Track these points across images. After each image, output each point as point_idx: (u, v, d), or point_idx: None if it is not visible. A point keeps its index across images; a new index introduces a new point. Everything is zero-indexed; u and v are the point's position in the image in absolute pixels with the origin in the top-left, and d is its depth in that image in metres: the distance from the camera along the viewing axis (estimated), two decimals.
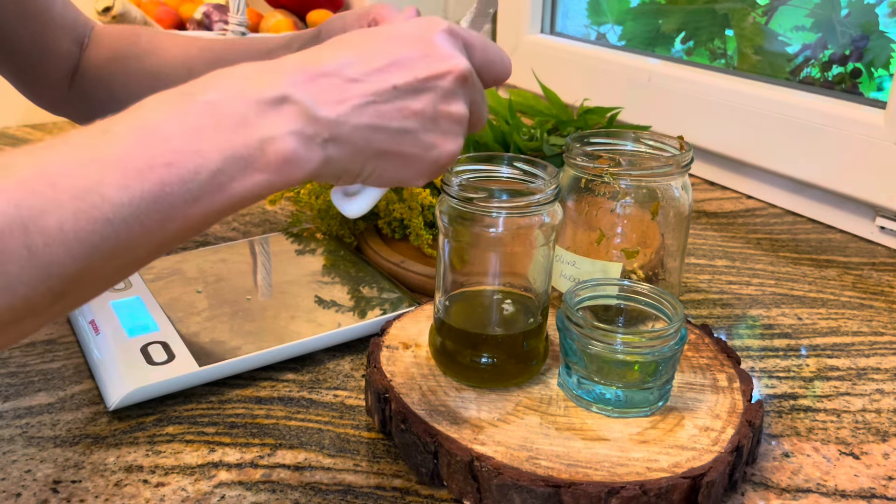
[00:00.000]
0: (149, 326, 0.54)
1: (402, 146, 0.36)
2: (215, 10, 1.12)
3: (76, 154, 0.29)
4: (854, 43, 0.85)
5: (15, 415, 0.48)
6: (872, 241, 0.77)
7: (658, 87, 0.96)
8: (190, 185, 0.30)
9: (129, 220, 0.29)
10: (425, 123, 0.36)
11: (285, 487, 0.42)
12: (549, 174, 0.45)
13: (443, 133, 0.37)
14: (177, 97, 0.32)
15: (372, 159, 0.35)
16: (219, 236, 0.74)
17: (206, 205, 0.31)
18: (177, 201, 0.30)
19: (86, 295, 0.31)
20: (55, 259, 0.27)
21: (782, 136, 0.82)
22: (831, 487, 0.43)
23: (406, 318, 0.53)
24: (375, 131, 0.34)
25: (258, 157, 0.31)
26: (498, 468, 0.39)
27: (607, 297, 0.48)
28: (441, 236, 0.46)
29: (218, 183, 0.30)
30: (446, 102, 0.36)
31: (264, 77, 0.33)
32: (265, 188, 0.32)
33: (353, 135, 0.34)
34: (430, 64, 0.36)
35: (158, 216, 0.29)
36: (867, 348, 0.57)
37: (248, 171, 0.31)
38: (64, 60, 0.64)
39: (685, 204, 0.53)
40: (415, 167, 0.37)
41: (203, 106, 0.31)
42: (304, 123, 0.32)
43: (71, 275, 0.28)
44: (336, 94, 0.33)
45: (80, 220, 0.28)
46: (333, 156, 0.33)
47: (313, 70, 0.34)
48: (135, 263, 0.31)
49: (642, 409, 0.44)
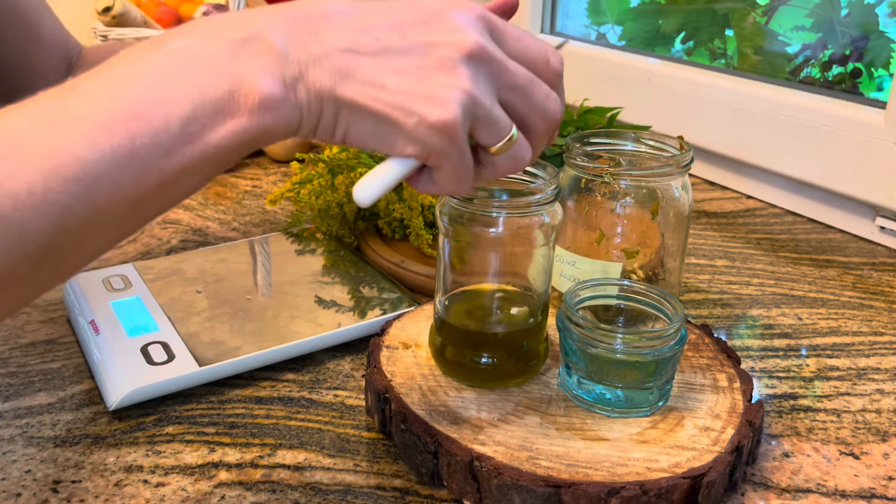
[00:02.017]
0: (149, 326, 0.54)
1: (376, 103, 0.32)
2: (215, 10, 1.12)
3: (43, 114, 0.28)
4: (854, 43, 0.85)
5: (15, 415, 0.48)
6: (872, 241, 0.77)
7: (658, 87, 0.96)
8: (161, 136, 0.28)
9: (101, 177, 0.28)
10: (405, 83, 0.32)
11: (285, 487, 0.42)
12: (549, 174, 0.45)
13: (428, 98, 0.32)
14: (147, 47, 0.30)
15: (345, 110, 0.32)
16: (219, 236, 0.74)
17: (182, 158, 0.29)
18: (149, 155, 0.28)
19: (70, 261, 0.30)
20: (27, 223, 0.27)
21: (782, 136, 0.82)
22: (831, 487, 0.43)
23: (406, 318, 0.53)
24: (344, 78, 0.32)
25: (229, 100, 0.30)
26: (498, 468, 0.39)
27: (607, 297, 0.48)
28: (441, 236, 0.46)
29: (190, 133, 0.29)
30: (439, 69, 0.33)
31: (239, 20, 0.32)
32: (241, 135, 0.30)
33: (321, 78, 0.32)
34: (431, 32, 0.33)
35: (131, 172, 0.28)
36: (867, 348, 0.57)
37: (221, 117, 0.29)
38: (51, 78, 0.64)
39: (685, 204, 0.53)
40: (393, 129, 0.33)
41: (172, 53, 0.30)
42: (276, 63, 0.31)
43: (46, 239, 0.27)
44: (313, 36, 0.32)
45: (49, 181, 0.27)
46: (303, 100, 0.31)
47: (297, 13, 0.32)
48: (115, 226, 0.30)
49: (642, 409, 0.44)
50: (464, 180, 0.36)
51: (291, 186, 0.70)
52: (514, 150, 0.36)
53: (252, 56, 0.31)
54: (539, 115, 0.36)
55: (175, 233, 0.75)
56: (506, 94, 0.35)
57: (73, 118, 0.28)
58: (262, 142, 0.32)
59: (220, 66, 0.30)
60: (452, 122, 0.33)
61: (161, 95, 0.29)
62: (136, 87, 0.29)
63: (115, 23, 1.06)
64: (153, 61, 0.30)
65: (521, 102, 0.35)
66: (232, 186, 0.88)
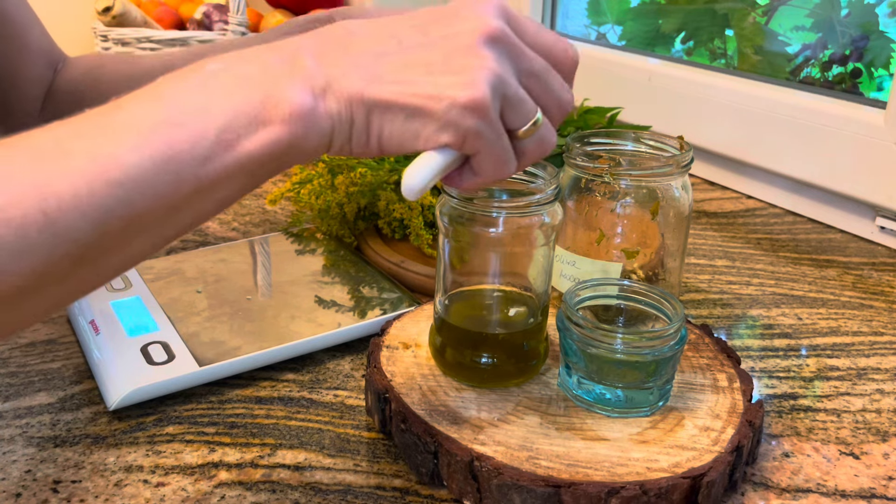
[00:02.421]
0: (149, 326, 0.54)
1: (404, 96, 0.33)
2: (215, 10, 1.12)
3: (89, 124, 0.30)
4: (854, 43, 0.85)
5: (15, 415, 0.48)
6: (872, 241, 0.77)
7: (658, 87, 0.96)
8: (198, 143, 0.30)
9: (141, 182, 0.29)
10: (434, 74, 0.33)
11: (285, 487, 0.42)
12: (549, 174, 0.45)
13: (455, 81, 0.33)
14: (185, 71, 0.33)
15: (376, 111, 0.33)
16: (219, 236, 0.74)
17: (217, 165, 0.31)
18: (187, 161, 0.30)
19: (108, 264, 0.31)
20: (71, 223, 0.28)
21: (782, 136, 0.82)
22: (831, 487, 0.43)
23: (406, 318, 0.53)
24: (371, 82, 0.33)
25: (262, 112, 0.31)
26: (498, 468, 0.39)
27: (607, 297, 0.48)
28: (441, 236, 0.46)
29: (226, 141, 0.31)
30: (464, 54, 0.33)
31: (272, 46, 0.34)
32: (275, 145, 0.32)
33: (349, 85, 0.33)
34: (451, 24, 0.34)
35: (169, 178, 0.30)
36: (867, 348, 0.57)
37: (256, 126, 0.31)
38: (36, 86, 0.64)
39: (685, 204, 0.53)
40: (426, 119, 0.33)
41: (210, 73, 0.32)
42: (306, 77, 0.32)
43: (87, 239, 0.29)
44: (341, 52, 0.34)
45: (93, 184, 0.28)
46: (332, 109, 0.33)
47: (325, 36, 0.34)
48: (154, 232, 0.31)
49: (642, 409, 0.44)
50: (505, 162, 0.36)
51: (291, 186, 0.70)
52: (542, 133, 0.36)
53: (284, 74, 0.32)
54: (556, 103, 0.36)
55: None
56: (525, 79, 0.35)
57: (117, 127, 0.30)
58: (296, 153, 0.33)
59: (255, 83, 0.32)
60: (482, 99, 0.33)
61: (199, 107, 0.31)
62: (175, 100, 0.31)
63: (115, 23, 1.06)
64: (193, 80, 0.32)
65: (538, 89, 0.36)
66: None
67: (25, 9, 0.63)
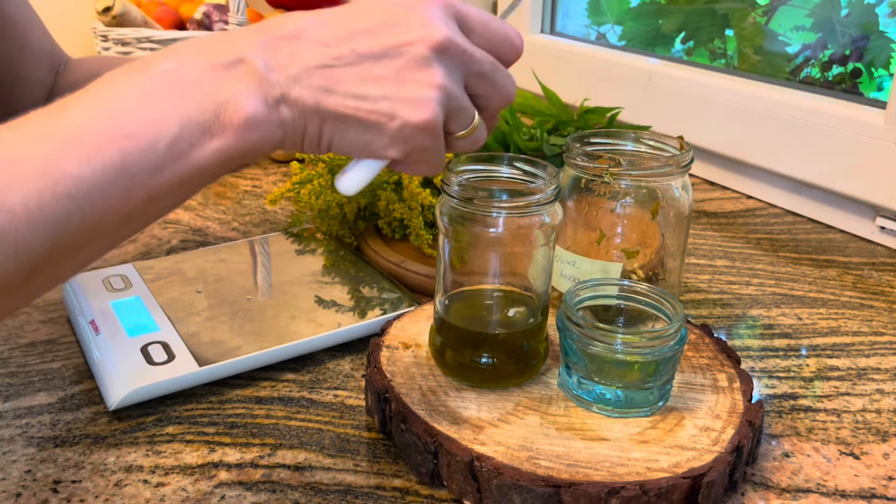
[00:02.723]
0: (149, 326, 0.54)
1: (360, 112, 0.34)
2: (215, 10, 1.12)
3: (36, 132, 0.29)
4: (854, 43, 0.85)
5: (15, 415, 0.48)
6: (872, 241, 0.77)
7: (658, 87, 0.96)
8: (150, 154, 0.30)
9: (93, 193, 0.29)
10: (386, 89, 0.34)
11: (285, 487, 0.42)
12: (549, 174, 0.45)
13: (410, 99, 0.34)
14: (134, 69, 0.32)
15: (329, 122, 0.34)
16: (219, 236, 0.74)
17: (169, 174, 0.30)
18: (138, 172, 0.29)
19: (60, 273, 0.31)
20: (21, 237, 0.27)
21: (782, 136, 0.82)
22: (831, 487, 0.43)
23: (406, 318, 0.53)
24: (327, 93, 0.33)
25: (214, 121, 0.31)
26: (498, 468, 0.39)
27: (607, 297, 0.48)
28: (441, 236, 0.46)
29: (177, 151, 0.30)
30: (414, 70, 0.34)
31: (221, 43, 0.33)
32: (226, 153, 0.31)
33: (304, 95, 0.33)
34: (402, 32, 0.35)
35: (121, 188, 0.29)
36: (867, 348, 0.57)
37: (207, 136, 0.31)
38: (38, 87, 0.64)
39: (685, 204, 0.53)
40: (378, 134, 0.35)
41: (159, 75, 0.31)
42: (258, 85, 0.32)
43: (39, 252, 0.28)
44: (292, 56, 0.33)
45: (43, 197, 0.28)
46: (286, 117, 0.33)
47: (273, 34, 0.34)
48: (106, 239, 0.31)
49: (642, 409, 0.44)
50: (437, 167, 0.38)
51: (291, 186, 0.70)
52: (477, 134, 0.39)
53: (236, 79, 0.32)
54: (499, 97, 0.39)
55: (175, 233, 0.75)
56: (472, 80, 0.37)
57: (66, 136, 0.29)
58: (247, 158, 0.33)
59: (206, 89, 0.31)
60: (433, 120, 0.35)
61: (150, 116, 0.30)
62: (125, 107, 0.30)
63: (115, 23, 1.06)
64: (141, 82, 0.31)
65: (484, 87, 0.38)
66: (232, 186, 0.88)
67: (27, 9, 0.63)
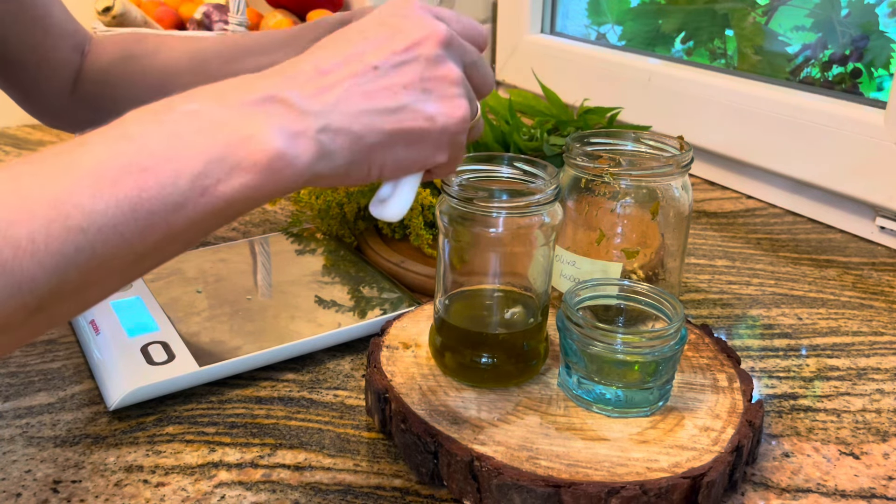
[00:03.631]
0: (149, 326, 0.54)
1: (403, 122, 0.34)
2: (215, 10, 1.12)
3: (50, 165, 0.28)
4: (854, 43, 0.85)
5: (15, 415, 0.48)
6: (872, 241, 0.77)
7: (658, 87, 0.96)
8: (169, 189, 0.28)
9: (105, 228, 0.27)
10: (418, 95, 0.34)
11: (285, 487, 0.42)
12: (549, 174, 0.45)
13: (442, 98, 0.35)
14: (157, 108, 0.31)
15: (378, 148, 0.34)
16: (219, 236, 0.74)
17: (191, 211, 0.29)
18: (156, 208, 0.28)
19: (65, 311, 0.29)
20: (26, 271, 0.26)
21: (782, 136, 0.82)
22: (831, 487, 0.43)
23: (406, 318, 0.53)
24: (370, 115, 0.33)
25: (243, 157, 0.29)
26: (498, 468, 0.39)
27: (607, 297, 0.48)
28: (441, 236, 0.46)
29: (201, 186, 0.29)
30: (434, 68, 0.35)
31: (246, 84, 0.32)
32: (254, 190, 0.30)
33: (349, 122, 0.32)
34: (406, 36, 0.35)
35: (137, 224, 0.28)
36: (867, 348, 0.57)
37: (234, 171, 0.29)
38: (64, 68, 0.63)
39: (685, 204, 0.53)
40: (426, 142, 0.35)
41: (183, 114, 0.30)
42: (292, 119, 0.31)
43: (45, 288, 0.27)
44: (317, 85, 0.33)
45: (52, 230, 0.26)
46: (331, 148, 0.32)
47: (295, 72, 0.33)
48: (115, 278, 0.30)
49: (642, 409, 0.44)
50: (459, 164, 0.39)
51: None
52: (480, 124, 0.40)
53: (266, 114, 0.31)
54: (486, 86, 0.39)
55: None
56: (470, 70, 0.38)
57: (80, 170, 0.28)
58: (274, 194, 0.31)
59: (233, 125, 0.30)
60: (466, 114, 0.35)
61: (171, 153, 0.29)
62: (145, 144, 0.29)
63: (115, 23, 1.06)
64: (165, 121, 0.30)
65: (477, 76, 0.38)
66: None
67: None
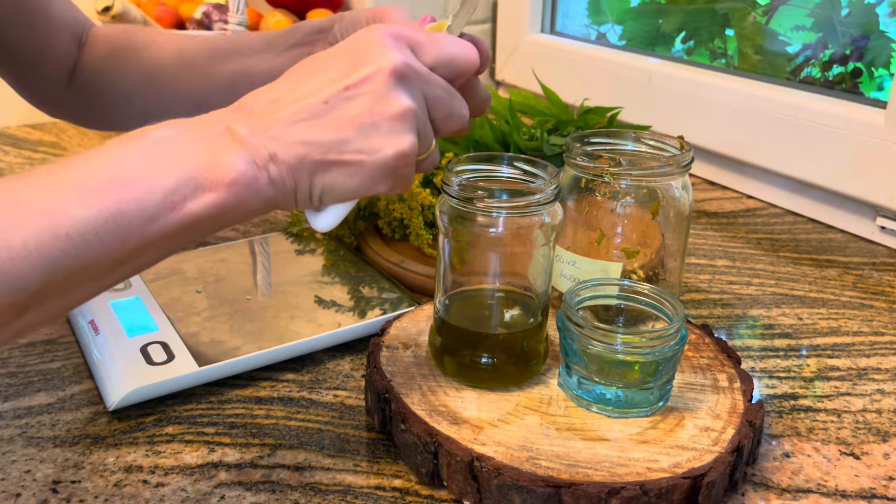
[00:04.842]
0: (148, 326, 0.54)
1: (343, 155, 0.36)
2: (215, 10, 1.12)
3: (41, 179, 0.32)
4: (854, 43, 0.85)
5: (15, 415, 0.48)
6: (873, 241, 0.77)
7: (658, 87, 0.96)
8: (145, 203, 0.32)
9: (88, 235, 0.31)
10: (364, 129, 0.36)
11: (285, 487, 0.42)
12: (549, 174, 0.45)
13: (386, 134, 0.37)
14: (133, 136, 0.35)
15: (318, 173, 0.36)
16: (218, 236, 0.74)
17: (163, 224, 0.33)
18: (133, 219, 0.32)
19: (47, 311, 0.32)
20: (20, 273, 0.29)
21: (782, 136, 0.82)
22: (832, 488, 0.43)
23: (406, 318, 0.53)
24: (308, 146, 0.36)
25: (207, 178, 0.33)
26: (498, 468, 0.39)
27: (607, 297, 0.48)
28: (441, 236, 0.46)
29: (171, 202, 0.33)
30: (383, 102, 0.36)
31: (209, 119, 0.36)
32: (218, 208, 0.34)
33: (288, 152, 0.35)
34: (358, 69, 0.37)
35: (117, 232, 0.31)
36: (868, 348, 0.57)
37: (200, 191, 0.33)
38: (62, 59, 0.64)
39: (685, 204, 0.53)
40: (366, 173, 0.37)
41: (156, 140, 0.34)
42: (246, 149, 0.34)
43: (33, 289, 0.30)
44: (271, 120, 0.36)
45: (42, 236, 0.30)
46: (275, 176, 0.35)
47: (251, 106, 0.37)
48: (96, 282, 0.33)
49: (642, 410, 0.44)
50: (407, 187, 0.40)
51: None
52: (433, 157, 0.41)
53: (225, 144, 0.35)
54: (454, 122, 0.41)
55: None
56: (431, 102, 0.39)
57: (69, 183, 0.32)
58: (240, 214, 0.35)
59: (199, 151, 0.34)
60: (410, 147, 0.37)
61: (147, 170, 0.33)
62: (125, 162, 0.33)
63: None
64: (140, 145, 0.34)
65: (440, 111, 0.40)
66: None
67: None
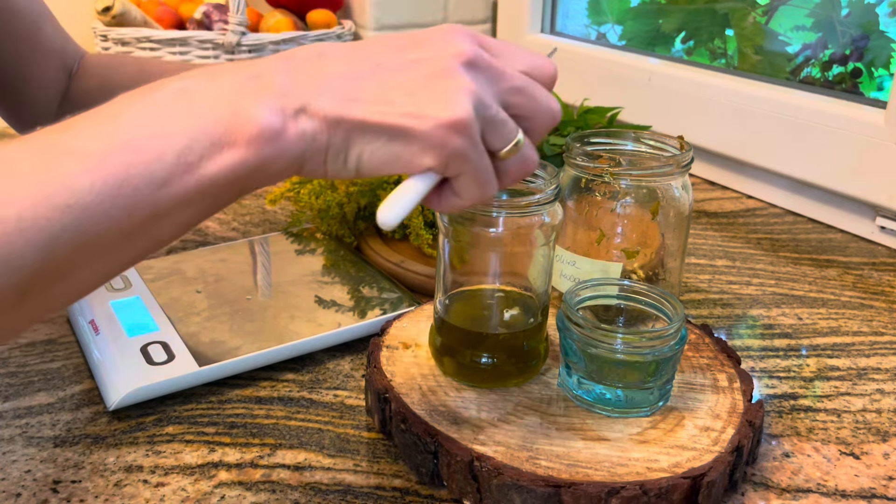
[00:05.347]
0: (149, 326, 0.54)
1: (387, 117, 0.32)
2: (215, 10, 1.12)
3: (39, 146, 0.28)
4: (854, 43, 0.85)
5: (15, 415, 0.48)
6: (873, 241, 0.77)
7: (658, 87, 0.96)
8: (154, 166, 0.28)
9: (92, 206, 0.28)
10: (414, 93, 0.32)
11: (285, 487, 0.42)
12: (549, 174, 0.45)
13: (438, 99, 0.32)
14: (146, 90, 0.31)
15: (356, 135, 0.32)
16: (218, 236, 0.74)
17: (177, 189, 0.29)
18: (142, 185, 0.28)
19: (57, 294, 0.29)
20: (15, 250, 0.26)
21: (782, 136, 0.82)
22: (832, 487, 0.43)
23: (406, 318, 0.53)
24: (349, 101, 0.32)
25: (226, 133, 0.29)
26: (498, 468, 0.39)
27: (607, 297, 0.48)
28: (441, 236, 0.46)
29: (186, 163, 0.29)
30: (442, 77, 0.33)
31: (240, 65, 0.32)
32: (239, 167, 0.30)
33: (326, 105, 0.31)
34: (424, 49, 0.34)
35: (123, 202, 0.28)
36: (867, 348, 0.57)
37: (218, 148, 0.29)
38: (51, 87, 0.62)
39: (685, 204, 0.53)
40: (408, 140, 0.32)
41: (172, 93, 0.30)
42: (276, 97, 0.31)
43: (33, 268, 0.27)
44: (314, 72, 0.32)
45: (38, 208, 0.27)
46: (307, 129, 0.31)
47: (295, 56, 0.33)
48: (105, 260, 0.30)
49: (642, 409, 0.44)
50: (486, 183, 0.35)
51: (291, 186, 0.70)
52: (524, 153, 0.36)
53: (251, 93, 0.31)
54: (544, 112, 0.36)
55: None
56: (508, 97, 0.35)
57: (67, 149, 0.28)
58: (262, 177, 0.31)
59: (218, 102, 0.30)
60: (466, 118, 0.32)
61: (157, 129, 0.29)
62: (133, 122, 0.29)
63: (115, 23, 1.06)
64: (152, 101, 0.30)
65: (525, 102, 0.35)
66: None
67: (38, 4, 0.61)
